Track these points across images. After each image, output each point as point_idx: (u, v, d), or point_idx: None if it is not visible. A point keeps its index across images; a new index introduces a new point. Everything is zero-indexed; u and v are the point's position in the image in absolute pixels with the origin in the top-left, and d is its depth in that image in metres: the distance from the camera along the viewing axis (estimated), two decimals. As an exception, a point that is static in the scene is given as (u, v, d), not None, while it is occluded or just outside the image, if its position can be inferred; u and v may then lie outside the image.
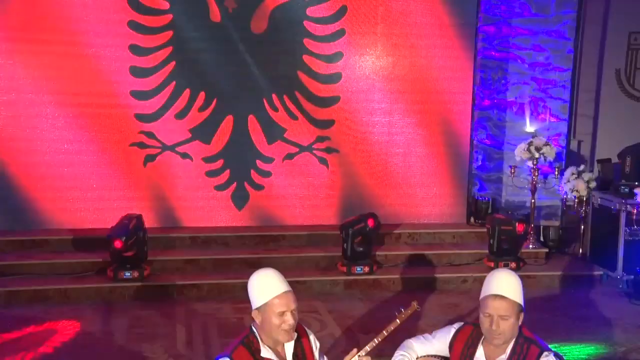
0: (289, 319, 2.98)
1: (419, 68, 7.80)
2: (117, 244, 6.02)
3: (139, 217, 6.51)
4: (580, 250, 7.56)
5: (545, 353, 3.08)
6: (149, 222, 7.00)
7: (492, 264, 6.86)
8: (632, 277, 6.57)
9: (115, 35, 7.21)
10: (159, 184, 7.53)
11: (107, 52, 7.21)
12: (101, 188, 7.39)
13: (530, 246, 7.48)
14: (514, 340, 3.14)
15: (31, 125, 7.17)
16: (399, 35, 7.71)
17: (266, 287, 3.03)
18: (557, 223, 8.12)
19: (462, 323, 3.40)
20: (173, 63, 7.39)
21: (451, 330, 3.38)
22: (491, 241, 6.97)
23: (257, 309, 3.03)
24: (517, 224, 6.88)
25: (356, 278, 6.75)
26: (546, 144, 7.35)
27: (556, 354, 3.09)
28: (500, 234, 6.93)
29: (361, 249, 6.79)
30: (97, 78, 7.25)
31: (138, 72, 7.32)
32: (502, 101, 8.20)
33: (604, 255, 7.08)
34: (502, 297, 3.07)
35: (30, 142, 7.21)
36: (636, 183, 6.60)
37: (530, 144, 7.38)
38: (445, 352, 3.33)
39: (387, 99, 7.85)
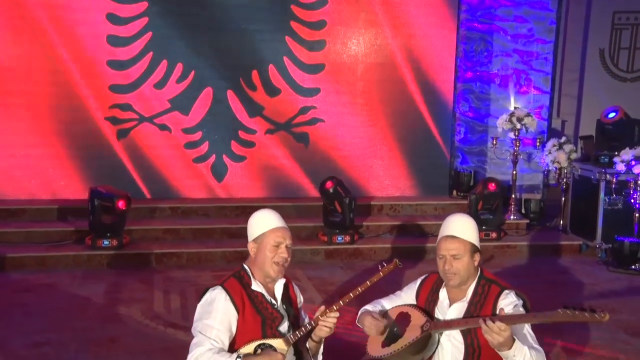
0: (283, 252, 3.08)
1: (402, 39, 7.86)
2: (121, 204, 6.20)
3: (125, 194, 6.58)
4: (561, 223, 7.67)
5: (506, 292, 3.17)
6: (127, 192, 7.03)
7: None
8: (610, 245, 6.68)
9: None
10: (137, 155, 7.55)
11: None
12: (77, 158, 7.39)
13: (512, 217, 7.60)
14: (475, 281, 3.23)
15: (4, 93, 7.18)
16: (382, 6, 7.77)
17: (265, 221, 3.14)
18: (538, 196, 8.24)
19: (427, 273, 3.50)
20: (150, 34, 7.41)
21: (417, 281, 3.48)
22: (468, 210, 7.05)
23: (253, 240, 3.13)
24: (489, 183, 7.02)
25: (337, 247, 6.83)
26: (527, 115, 7.45)
27: (517, 293, 3.17)
28: (484, 201, 7.04)
29: (338, 218, 6.87)
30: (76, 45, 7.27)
31: (116, 41, 7.33)
32: (484, 73, 8.27)
33: (583, 226, 7.20)
34: (453, 237, 3.16)
35: (3, 110, 7.22)
36: (615, 153, 6.69)
37: (512, 114, 7.49)
38: (413, 302, 3.41)
39: (370, 71, 7.90)
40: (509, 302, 3.11)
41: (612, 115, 7.34)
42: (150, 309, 5.11)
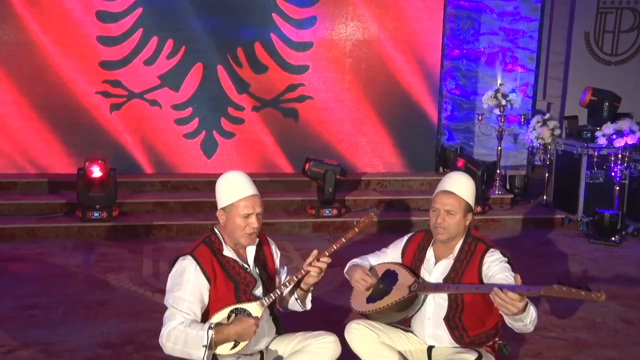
0: (253, 222, 3.01)
1: (390, 17, 7.85)
2: (98, 171, 6.21)
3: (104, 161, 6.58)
4: (545, 198, 7.73)
5: (492, 249, 3.20)
6: (119, 168, 7.03)
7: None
8: (591, 218, 6.75)
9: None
10: (128, 130, 7.54)
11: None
12: (68, 133, 7.39)
13: (497, 192, 7.66)
14: (462, 239, 3.26)
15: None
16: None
17: (234, 188, 3.03)
18: (523, 172, 8.31)
19: (414, 232, 3.53)
20: (140, 9, 7.38)
21: (404, 238, 3.51)
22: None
23: (222, 209, 3.04)
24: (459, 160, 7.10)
25: (324, 220, 6.86)
26: (512, 91, 7.49)
27: (502, 251, 3.21)
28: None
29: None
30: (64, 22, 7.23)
31: (105, 17, 7.30)
32: (471, 51, 8.31)
33: (566, 200, 7.27)
34: (450, 192, 3.19)
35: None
36: (597, 128, 6.74)
37: (497, 91, 7.52)
38: (399, 259, 3.44)
39: (358, 49, 7.91)
40: (494, 258, 3.14)
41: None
42: (138, 276, 5.14)
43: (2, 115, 7.26)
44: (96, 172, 6.23)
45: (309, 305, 3.27)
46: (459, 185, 3.22)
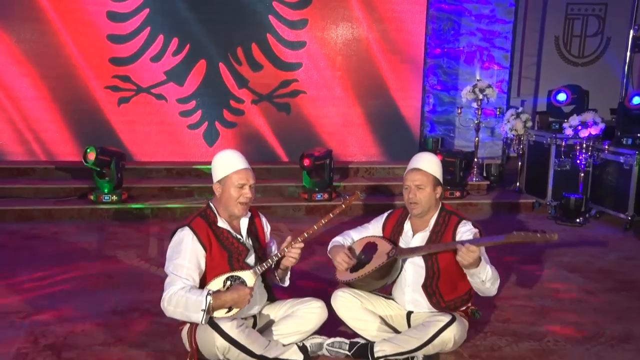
0: (247, 192, 3.05)
1: (377, 19, 7.86)
2: (91, 155, 6.19)
3: (121, 153, 6.60)
4: (518, 184, 7.77)
5: (464, 221, 3.25)
6: (128, 156, 7.07)
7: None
8: (559, 202, 6.79)
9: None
10: (135, 122, 7.54)
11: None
12: (79, 124, 7.39)
13: (474, 179, 7.69)
14: (437, 213, 3.30)
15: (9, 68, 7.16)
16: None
17: (229, 162, 3.08)
18: (498, 161, 8.34)
19: (393, 209, 3.58)
20: (147, 10, 7.37)
21: (384, 215, 3.56)
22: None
23: (218, 181, 3.08)
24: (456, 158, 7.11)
25: (316, 204, 6.88)
26: (489, 86, 7.51)
27: (473, 223, 3.25)
28: (446, 165, 7.11)
29: (319, 179, 6.92)
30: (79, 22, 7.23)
31: (116, 17, 7.29)
32: (452, 50, 8.33)
33: (536, 186, 7.31)
34: (418, 169, 3.24)
35: (13, 79, 7.19)
36: (565, 120, 6.77)
37: (474, 86, 7.54)
38: (379, 234, 3.48)
39: (348, 48, 7.91)
40: (467, 229, 3.20)
41: (562, 97, 7.41)
42: (144, 253, 5.16)
43: (27, 109, 7.29)
44: (91, 157, 6.20)
45: (287, 283, 3.32)
46: (425, 162, 3.27)
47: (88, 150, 6.21)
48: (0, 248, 5.21)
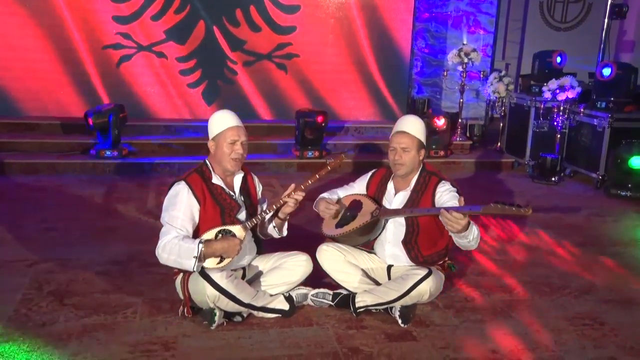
0: (239, 148, 3.02)
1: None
2: (90, 121, 6.12)
3: (119, 106, 6.45)
4: (499, 145, 7.73)
5: (443, 181, 3.21)
6: (129, 113, 6.92)
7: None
8: (536, 162, 6.77)
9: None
10: (136, 79, 7.39)
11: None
12: (85, 82, 7.24)
13: (458, 139, 7.63)
14: (418, 173, 3.26)
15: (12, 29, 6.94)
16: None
17: (222, 120, 3.05)
18: (481, 122, 8.27)
19: (377, 168, 3.53)
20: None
21: (368, 174, 3.51)
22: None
23: (212, 139, 3.06)
24: (436, 117, 7.02)
25: (308, 161, 6.84)
26: (473, 50, 7.37)
27: (452, 183, 3.22)
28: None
29: (311, 137, 6.85)
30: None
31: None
32: (439, 15, 8.14)
33: (516, 146, 7.27)
34: (404, 132, 3.18)
35: (24, 38, 6.99)
36: (545, 83, 6.67)
37: (460, 50, 7.40)
38: (364, 191, 3.45)
39: (340, 11, 7.71)
40: (445, 189, 3.16)
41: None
42: (143, 206, 5.13)
43: (38, 70, 7.11)
44: (90, 122, 6.16)
45: (285, 233, 3.31)
46: (411, 125, 3.21)
47: (87, 116, 6.13)
48: (7, 199, 5.18)
